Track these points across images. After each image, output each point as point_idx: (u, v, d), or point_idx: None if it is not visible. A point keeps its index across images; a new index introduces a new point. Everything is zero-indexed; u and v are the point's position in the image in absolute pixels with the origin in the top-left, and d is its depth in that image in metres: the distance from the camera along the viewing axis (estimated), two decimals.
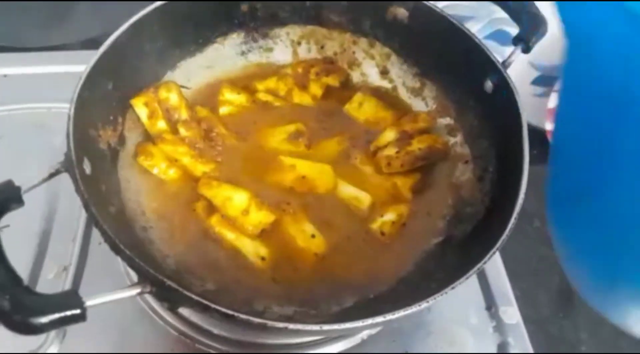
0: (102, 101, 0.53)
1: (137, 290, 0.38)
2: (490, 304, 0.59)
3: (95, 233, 0.61)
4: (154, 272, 0.38)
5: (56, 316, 0.34)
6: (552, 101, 0.77)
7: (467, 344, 0.56)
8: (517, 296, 0.60)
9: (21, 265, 0.38)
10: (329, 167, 0.57)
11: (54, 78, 0.74)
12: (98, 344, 0.53)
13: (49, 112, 0.70)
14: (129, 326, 0.55)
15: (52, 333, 0.53)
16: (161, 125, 0.58)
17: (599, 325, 0.61)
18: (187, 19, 0.62)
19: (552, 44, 0.74)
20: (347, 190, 0.56)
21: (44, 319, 0.34)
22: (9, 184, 0.40)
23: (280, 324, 0.37)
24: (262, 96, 0.64)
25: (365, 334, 0.56)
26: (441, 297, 0.41)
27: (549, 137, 0.78)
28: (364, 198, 0.56)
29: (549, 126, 0.78)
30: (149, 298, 0.56)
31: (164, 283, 0.38)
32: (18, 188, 0.41)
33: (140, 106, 0.57)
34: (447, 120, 0.63)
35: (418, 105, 0.66)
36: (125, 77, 0.56)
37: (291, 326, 0.37)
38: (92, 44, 0.77)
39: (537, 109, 0.81)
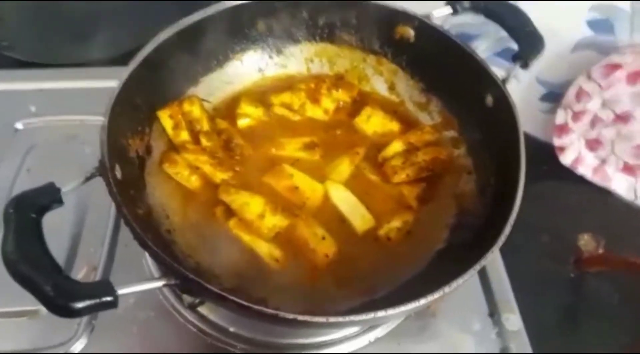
0: (132, 114, 0.58)
1: (163, 282, 0.43)
2: (493, 312, 0.62)
3: (122, 237, 0.66)
4: (178, 266, 0.42)
5: (92, 302, 0.39)
6: (559, 117, 0.80)
7: (470, 349, 0.59)
8: (520, 307, 0.62)
9: None
10: (322, 187, 0.61)
11: (85, 92, 0.80)
12: (123, 339, 0.58)
13: (81, 124, 0.76)
14: (152, 323, 0.59)
15: (81, 329, 0.58)
16: (184, 135, 0.62)
17: (603, 340, 0.63)
18: (208, 39, 0.67)
19: (557, 62, 0.78)
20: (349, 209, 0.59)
21: (82, 304, 0.38)
22: (51, 186, 0.45)
23: (290, 316, 0.41)
24: (278, 109, 0.68)
25: (372, 336, 0.59)
26: (437, 296, 0.44)
27: (557, 153, 0.81)
28: (368, 220, 0.58)
29: (556, 141, 0.81)
30: (171, 297, 0.60)
31: (186, 276, 0.42)
32: (58, 190, 0.46)
33: (165, 118, 0.62)
34: (451, 133, 0.67)
35: (424, 118, 0.70)
36: (152, 92, 0.61)
37: (300, 317, 0.41)
38: (117, 61, 0.83)
39: (545, 125, 0.84)
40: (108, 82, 0.56)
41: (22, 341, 0.57)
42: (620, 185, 0.80)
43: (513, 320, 0.60)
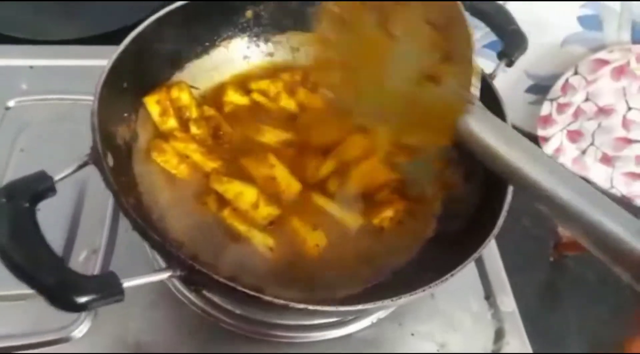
0: (118, 99, 0.56)
1: (168, 274, 0.41)
2: (489, 294, 0.64)
3: (123, 218, 0.62)
4: (184, 257, 0.41)
5: (97, 295, 0.37)
6: (544, 109, 0.83)
7: (468, 329, 0.61)
8: None
9: (53, 247, 0.40)
10: (298, 185, 0.59)
11: (76, 70, 0.77)
12: (126, 322, 0.56)
13: (74, 103, 0.74)
14: (156, 305, 0.58)
15: (84, 312, 0.56)
16: (172, 123, 0.60)
17: (584, 317, 0.67)
18: (194, 24, 0.65)
19: (546, 55, 0.81)
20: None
21: (86, 298, 0.37)
22: (43, 174, 0.43)
23: (301, 305, 0.41)
24: (256, 96, 0.67)
25: (374, 317, 0.60)
26: (442, 284, 0.45)
27: (540, 142, 0.84)
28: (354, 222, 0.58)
29: (540, 132, 0.84)
30: (174, 279, 0.59)
31: (193, 267, 0.41)
32: (51, 178, 0.43)
33: (152, 104, 0.60)
34: None
35: None
36: (137, 77, 0.59)
37: (310, 307, 0.41)
38: (106, 38, 0.82)
39: (530, 116, 0.86)
40: (100, 60, 0.54)
41: (23, 325, 0.55)
42: (598, 174, 0.84)
43: (507, 302, 0.63)
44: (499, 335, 0.61)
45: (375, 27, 0.55)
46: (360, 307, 0.42)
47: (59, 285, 0.37)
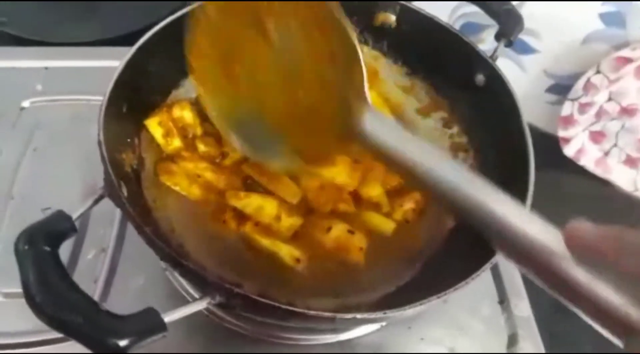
0: (120, 124, 0.54)
1: (206, 301, 0.40)
2: (503, 298, 0.62)
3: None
4: (220, 281, 0.40)
5: (139, 335, 0.36)
6: (565, 109, 0.80)
7: (480, 334, 0.59)
8: None
9: (62, 246, 0.39)
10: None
11: (90, 71, 0.76)
12: None
13: (87, 103, 0.74)
14: (161, 305, 0.54)
15: None
16: (176, 143, 0.58)
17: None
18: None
19: (567, 54, 0.79)
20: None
21: (127, 341, 0.35)
22: (61, 214, 0.41)
23: (349, 316, 0.40)
24: None
25: (384, 321, 0.58)
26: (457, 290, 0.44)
27: (561, 144, 0.81)
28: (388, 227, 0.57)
29: (561, 133, 0.81)
30: (179, 278, 0.57)
31: (232, 291, 0.39)
32: (69, 218, 0.41)
33: (154, 126, 0.58)
34: (441, 114, 0.68)
35: (411, 102, 0.70)
36: (136, 99, 0.57)
37: (359, 315, 0.40)
38: (119, 41, 0.82)
39: (550, 116, 0.83)
40: (112, 61, 0.53)
41: (24, 323, 0.53)
42: (621, 176, 0.81)
43: (522, 307, 0.61)
44: (512, 341, 0.59)
45: (254, 34, 0.47)
46: (409, 312, 0.41)
47: (97, 330, 0.35)
